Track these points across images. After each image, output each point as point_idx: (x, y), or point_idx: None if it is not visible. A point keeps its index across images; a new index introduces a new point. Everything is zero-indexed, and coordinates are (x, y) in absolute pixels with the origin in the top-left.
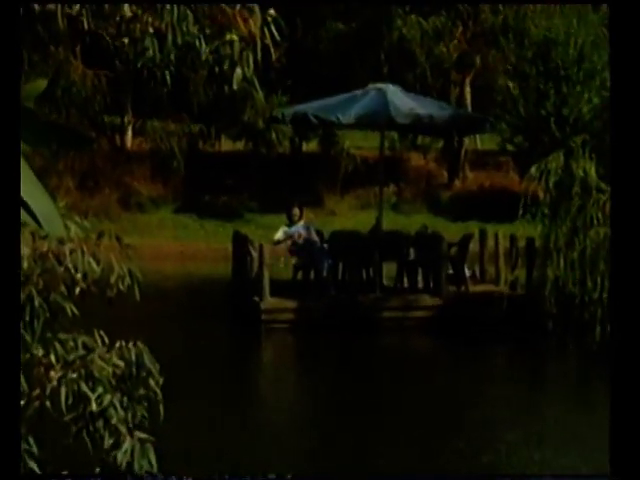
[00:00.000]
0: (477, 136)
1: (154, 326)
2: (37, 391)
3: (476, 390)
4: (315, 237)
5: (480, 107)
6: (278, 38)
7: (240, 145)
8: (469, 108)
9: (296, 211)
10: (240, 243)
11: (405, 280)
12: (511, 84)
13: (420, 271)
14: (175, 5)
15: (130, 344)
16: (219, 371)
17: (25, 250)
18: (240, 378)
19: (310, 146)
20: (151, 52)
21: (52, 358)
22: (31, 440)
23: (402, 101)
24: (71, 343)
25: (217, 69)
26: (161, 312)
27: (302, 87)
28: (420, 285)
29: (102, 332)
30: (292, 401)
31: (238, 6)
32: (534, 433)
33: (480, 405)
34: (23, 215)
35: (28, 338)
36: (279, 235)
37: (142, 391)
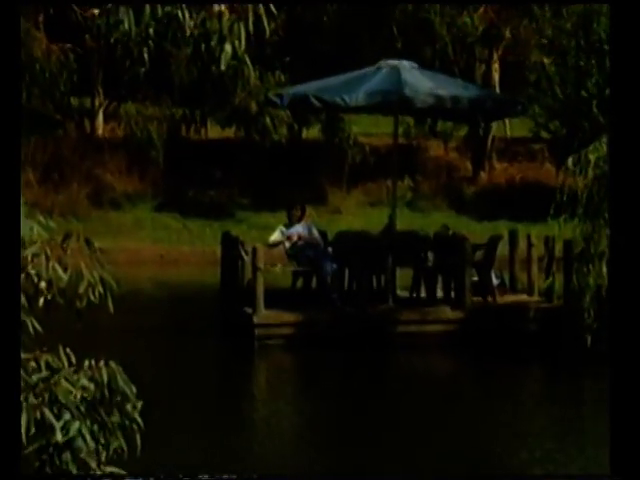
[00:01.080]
0: (506, 121)
1: (130, 343)
2: None
3: (506, 417)
4: (317, 238)
5: (510, 87)
6: (274, 9)
7: (230, 132)
8: (497, 88)
9: (296, 209)
10: (230, 246)
11: (422, 289)
12: (546, 60)
13: (440, 279)
14: None
15: (102, 364)
16: (205, 394)
17: None
18: (229, 403)
19: (311, 133)
20: (126, 25)
21: None
22: None
23: (419, 80)
24: (33, 363)
25: (203, 45)
26: (138, 326)
27: (302, 65)
28: (440, 295)
29: (69, 350)
30: (290, 431)
31: None
32: (573, 461)
33: (510, 436)
34: None
35: None
36: (275, 236)
37: (116, 418)
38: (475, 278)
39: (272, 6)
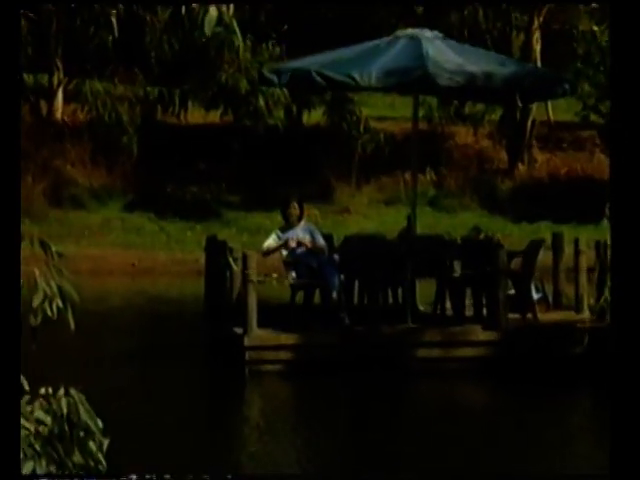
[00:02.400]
0: (549, 103)
1: (94, 368)
2: None
3: (548, 457)
4: (321, 244)
5: (554, 61)
6: None
7: (215, 115)
8: (538, 62)
9: (294, 208)
10: (216, 252)
11: (448, 305)
12: (597, 29)
13: (469, 292)
14: None
15: (61, 392)
16: (186, 431)
17: None
18: (216, 442)
19: (314, 117)
20: None
21: None
22: None
23: (444, 53)
24: None
25: (183, 9)
26: (105, 348)
27: (302, 35)
28: (469, 312)
29: (21, 376)
30: (287, 474)
31: None
32: None
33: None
34: None
35: None
36: (270, 242)
37: (78, 458)
38: (511, 291)
39: None
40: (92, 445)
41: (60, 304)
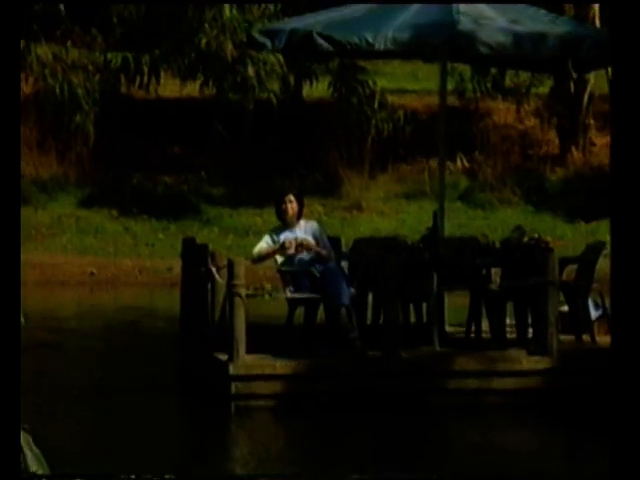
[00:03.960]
0: (611, 72)
1: (43, 403)
2: None
3: None
4: (326, 248)
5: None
6: None
7: (193, 88)
8: (597, 22)
9: (292, 203)
10: (194, 259)
11: (484, 324)
12: None
13: (511, 308)
14: None
15: None
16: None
17: None
18: None
19: (316, 90)
20: None
21: None
22: None
23: (480, 10)
24: None
25: None
26: (56, 378)
27: None
28: (511, 333)
29: None
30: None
31: None
32: None
33: None
34: None
35: None
36: (263, 245)
37: None
38: (564, 308)
39: None
40: None
41: None
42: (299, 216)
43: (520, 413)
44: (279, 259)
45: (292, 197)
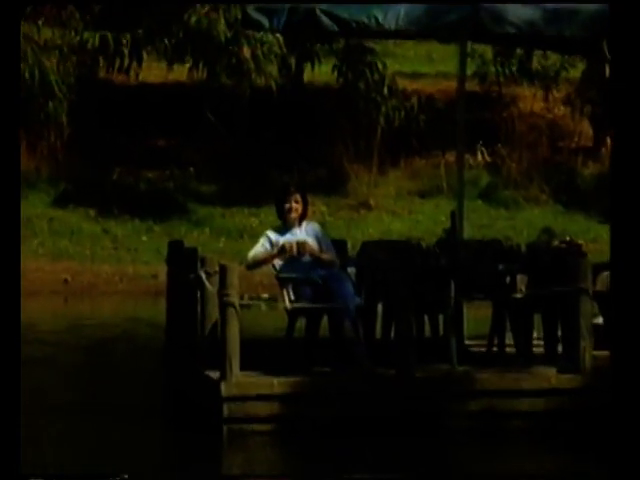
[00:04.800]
0: None
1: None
2: None
3: None
4: (329, 253)
5: None
6: None
7: (181, 72)
8: None
9: (293, 202)
10: (182, 264)
11: (508, 338)
12: None
13: (538, 320)
14: None
15: None
16: None
17: None
18: None
19: (320, 75)
20: None
21: None
22: None
23: None
24: None
25: None
26: (28, 398)
27: None
28: (538, 348)
29: None
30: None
31: None
32: None
33: None
34: None
35: None
36: (259, 249)
37: None
38: (598, 319)
39: None
40: None
41: None
42: (303, 216)
43: (549, 438)
44: (277, 264)
45: (298, 197)
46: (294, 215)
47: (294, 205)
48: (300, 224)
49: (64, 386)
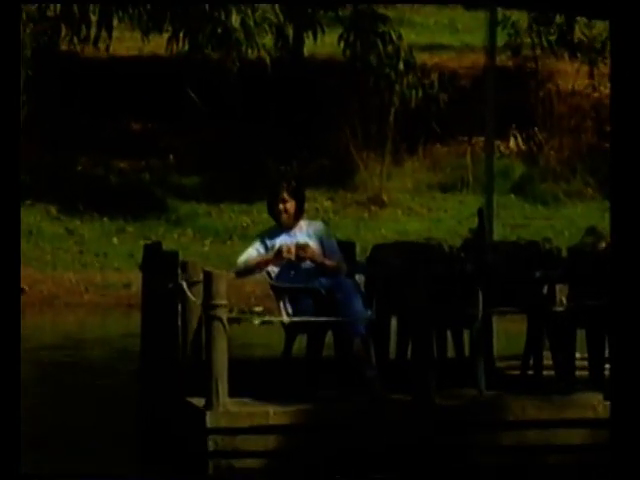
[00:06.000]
0: None
1: None
2: None
3: None
4: (335, 257)
5: None
6: None
7: (158, 44)
8: None
9: (291, 197)
10: (160, 271)
11: (546, 358)
12: None
13: (581, 337)
14: None
15: None
16: None
17: None
18: None
19: (323, 46)
20: None
21: None
22: None
23: None
24: None
25: None
26: None
27: None
28: (581, 370)
29: None
30: None
31: None
32: None
33: None
34: None
35: None
36: (251, 253)
37: None
38: None
39: None
40: None
41: None
42: (298, 215)
43: (593, 476)
44: (273, 272)
45: (286, 195)
46: (285, 216)
47: (282, 207)
48: (299, 223)
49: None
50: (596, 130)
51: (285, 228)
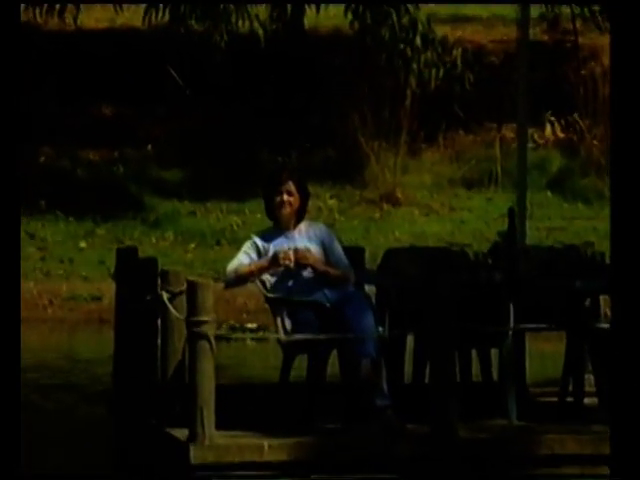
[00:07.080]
0: None
1: None
2: None
3: None
4: (340, 265)
5: None
6: None
7: (134, 15)
8: None
9: (289, 194)
10: (136, 280)
11: (589, 383)
12: None
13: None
14: None
15: None
16: None
17: None
18: None
19: (327, 19)
20: None
21: None
22: None
23: None
24: None
25: None
26: None
27: None
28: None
29: None
30: None
31: None
32: None
33: None
34: None
35: None
36: (242, 260)
37: None
38: None
39: None
40: None
41: None
42: (301, 214)
43: None
44: (268, 281)
45: (292, 186)
46: (287, 211)
47: (286, 198)
48: (299, 225)
49: None
50: None
51: (283, 229)
